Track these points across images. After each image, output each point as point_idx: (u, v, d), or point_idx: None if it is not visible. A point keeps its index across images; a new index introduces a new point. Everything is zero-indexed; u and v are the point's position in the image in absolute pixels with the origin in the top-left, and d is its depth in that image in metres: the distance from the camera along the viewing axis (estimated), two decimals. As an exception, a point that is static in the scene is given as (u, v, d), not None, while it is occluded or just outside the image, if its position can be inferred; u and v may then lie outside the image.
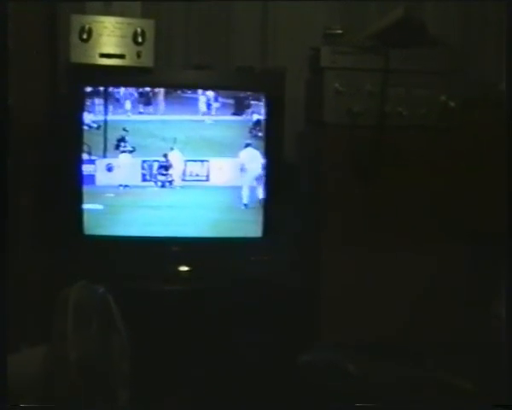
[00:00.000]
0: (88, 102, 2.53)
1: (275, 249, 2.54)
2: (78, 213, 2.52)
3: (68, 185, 2.51)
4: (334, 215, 2.51)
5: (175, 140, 2.58)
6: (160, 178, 2.62)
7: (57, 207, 2.54)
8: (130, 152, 2.60)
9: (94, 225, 2.55)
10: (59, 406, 1.82)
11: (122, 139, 2.58)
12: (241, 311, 2.45)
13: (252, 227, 2.59)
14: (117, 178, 2.61)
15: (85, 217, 2.54)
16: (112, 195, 2.61)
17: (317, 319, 2.50)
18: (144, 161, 2.61)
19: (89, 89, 2.53)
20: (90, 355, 1.85)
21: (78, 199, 2.52)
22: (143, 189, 2.63)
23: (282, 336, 2.45)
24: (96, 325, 1.90)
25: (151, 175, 2.62)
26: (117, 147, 2.58)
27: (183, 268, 2.56)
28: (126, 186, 2.61)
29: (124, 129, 2.57)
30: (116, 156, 2.59)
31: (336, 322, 2.47)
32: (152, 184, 2.62)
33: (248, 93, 2.58)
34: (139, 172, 2.62)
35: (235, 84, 2.57)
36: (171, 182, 2.62)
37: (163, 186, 2.62)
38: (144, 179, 2.63)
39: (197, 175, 2.63)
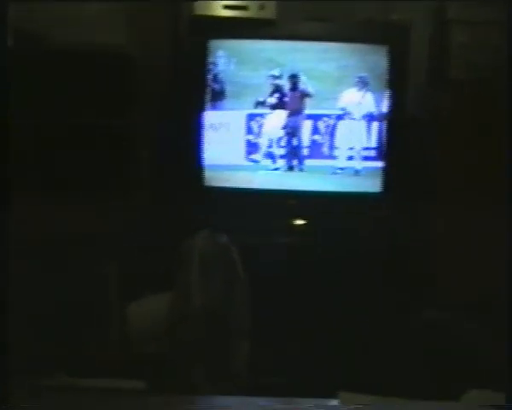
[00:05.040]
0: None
1: (394, 206, 2.50)
2: (199, 165, 2.55)
3: (188, 139, 2.54)
4: (456, 172, 2.46)
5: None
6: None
7: (177, 159, 2.57)
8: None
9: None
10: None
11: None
12: (358, 267, 2.43)
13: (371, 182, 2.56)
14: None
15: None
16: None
17: (436, 277, 2.46)
18: (252, 117, 2.47)
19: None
20: (214, 303, 1.88)
21: (199, 151, 2.54)
22: (252, 173, 2.41)
23: (401, 294, 2.42)
24: (219, 274, 1.93)
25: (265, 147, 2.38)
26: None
27: (299, 222, 2.55)
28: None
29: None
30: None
31: (455, 280, 2.42)
32: (267, 163, 2.39)
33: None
34: (241, 139, 2.44)
35: (358, 36, 2.52)
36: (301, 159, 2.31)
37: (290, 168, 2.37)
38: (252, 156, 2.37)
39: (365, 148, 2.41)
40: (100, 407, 1.41)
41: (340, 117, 2.55)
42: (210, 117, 2.52)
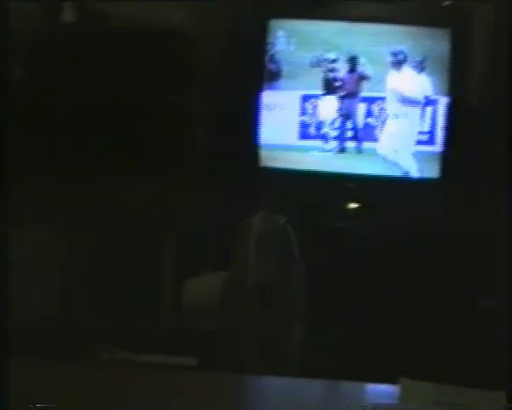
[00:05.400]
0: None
1: (452, 192, 2.47)
2: (255, 145, 2.54)
3: (244, 118, 2.53)
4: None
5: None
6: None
7: (233, 140, 2.57)
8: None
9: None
10: None
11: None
12: (412, 252, 2.41)
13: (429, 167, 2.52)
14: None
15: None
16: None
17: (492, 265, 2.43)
18: (306, 98, 2.45)
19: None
20: (269, 283, 1.87)
21: (255, 130, 2.53)
22: (304, 153, 2.40)
23: (456, 281, 2.39)
24: (275, 255, 1.92)
25: (319, 128, 2.35)
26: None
27: (356, 205, 2.54)
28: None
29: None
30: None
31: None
32: (319, 144, 2.36)
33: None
34: (295, 120, 2.41)
35: (419, 18, 2.48)
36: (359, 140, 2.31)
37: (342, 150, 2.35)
38: (305, 136, 2.37)
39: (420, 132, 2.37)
40: (152, 381, 1.42)
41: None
42: (265, 97, 2.52)
